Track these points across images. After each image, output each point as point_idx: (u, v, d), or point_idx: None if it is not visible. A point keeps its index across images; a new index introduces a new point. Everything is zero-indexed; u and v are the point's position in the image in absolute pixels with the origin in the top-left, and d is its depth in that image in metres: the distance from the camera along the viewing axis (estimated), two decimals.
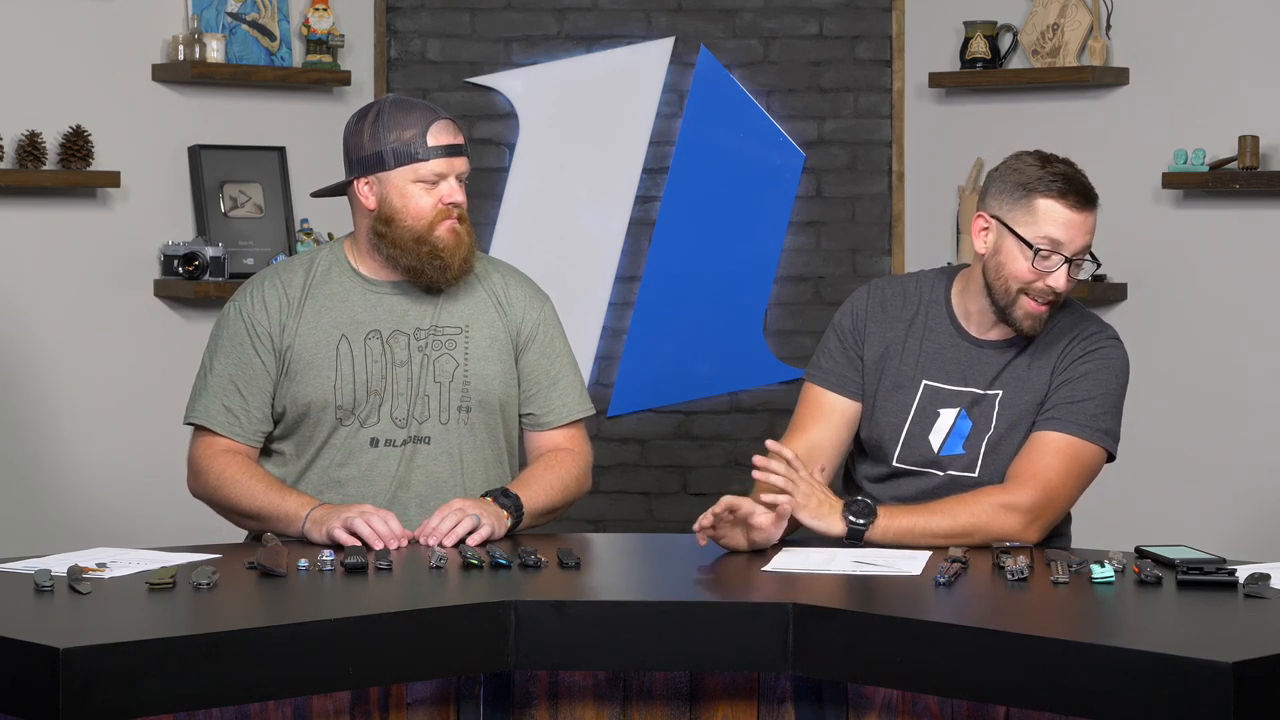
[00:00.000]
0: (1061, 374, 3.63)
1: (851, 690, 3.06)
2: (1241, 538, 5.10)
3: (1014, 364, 3.65)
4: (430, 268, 3.75)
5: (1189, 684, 2.63)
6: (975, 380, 3.66)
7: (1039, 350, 3.65)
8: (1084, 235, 3.55)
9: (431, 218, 3.73)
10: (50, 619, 2.98)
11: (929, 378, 3.68)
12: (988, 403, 3.65)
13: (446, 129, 3.76)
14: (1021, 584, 3.20)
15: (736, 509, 3.46)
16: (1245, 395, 5.29)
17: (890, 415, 3.69)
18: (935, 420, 3.67)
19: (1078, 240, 3.55)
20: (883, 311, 3.74)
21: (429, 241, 3.73)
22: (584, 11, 5.71)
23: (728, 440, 5.73)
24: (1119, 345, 3.68)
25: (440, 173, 3.74)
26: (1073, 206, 3.55)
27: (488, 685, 3.13)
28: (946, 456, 3.66)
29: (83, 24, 5.20)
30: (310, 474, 3.79)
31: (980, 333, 3.68)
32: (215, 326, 3.84)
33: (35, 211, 5.14)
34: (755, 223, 5.72)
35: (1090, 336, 3.66)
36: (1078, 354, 3.63)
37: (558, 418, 3.88)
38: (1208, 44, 5.31)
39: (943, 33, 5.67)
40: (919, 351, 3.70)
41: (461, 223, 3.76)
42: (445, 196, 3.74)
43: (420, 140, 3.72)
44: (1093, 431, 3.61)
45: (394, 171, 3.74)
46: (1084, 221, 3.55)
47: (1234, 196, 5.25)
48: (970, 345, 3.68)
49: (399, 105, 3.78)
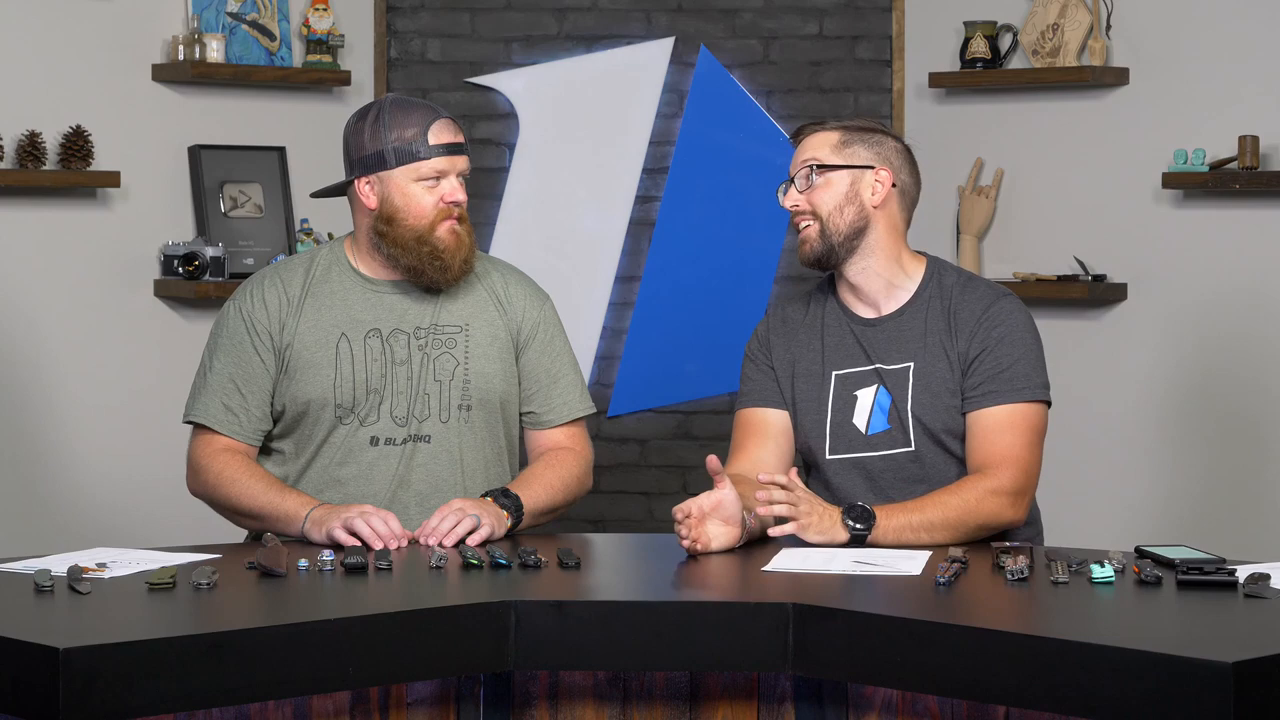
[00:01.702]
0: (979, 346, 3.70)
1: (851, 690, 3.06)
2: (1241, 537, 5.10)
3: (913, 333, 3.74)
4: (431, 268, 3.74)
5: (1189, 684, 2.63)
6: (880, 356, 3.75)
7: (935, 315, 3.75)
8: (799, 157, 3.78)
9: (433, 217, 3.73)
10: (50, 619, 2.98)
11: (837, 368, 3.78)
12: (900, 375, 3.73)
13: (447, 128, 3.76)
14: (1021, 584, 3.20)
15: (690, 511, 3.47)
16: (1245, 395, 5.29)
17: (812, 414, 3.77)
18: (855, 403, 3.75)
19: (796, 161, 3.78)
20: (784, 325, 3.86)
21: (430, 241, 3.73)
22: (584, 11, 5.72)
23: (728, 440, 5.72)
24: (1014, 299, 3.78)
25: (442, 171, 3.74)
26: (794, 141, 3.83)
27: (488, 685, 3.13)
28: (875, 435, 3.73)
29: (83, 24, 5.21)
30: (310, 473, 3.79)
31: (871, 310, 3.79)
32: (215, 325, 3.84)
33: (35, 211, 5.14)
34: (755, 223, 5.72)
35: (989, 305, 3.74)
36: (985, 323, 3.72)
37: (558, 416, 3.88)
38: (1208, 44, 5.30)
39: (943, 33, 5.67)
40: (821, 348, 3.80)
41: (461, 223, 3.76)
42: (447, 195, 3.74)
43: (421, 139, 3.72)
44: (1031, 391, 3.70)
45: (395, 170, 3.74)
46: (800, 147, 3.80)
47: (1234, 196, 5.25)
48: (864, 326, 3.78)
49: (399, 105, 3.78)
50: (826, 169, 3.75)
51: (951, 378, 3.70)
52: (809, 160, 3.77)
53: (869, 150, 3.77)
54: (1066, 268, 5.48)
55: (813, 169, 3.75)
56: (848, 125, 3.80)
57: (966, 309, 3.74)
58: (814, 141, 3.79)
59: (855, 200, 3.75)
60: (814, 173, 3.75)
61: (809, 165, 3.76)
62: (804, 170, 3.76)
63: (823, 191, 3.75)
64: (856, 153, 3.76)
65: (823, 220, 3.74)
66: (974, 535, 3.58)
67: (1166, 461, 5.35)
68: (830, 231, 3.74)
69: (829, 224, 3.74)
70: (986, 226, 5.62)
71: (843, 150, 3.76)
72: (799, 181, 3.77)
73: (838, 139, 3.78)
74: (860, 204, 3.75)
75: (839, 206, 3.74)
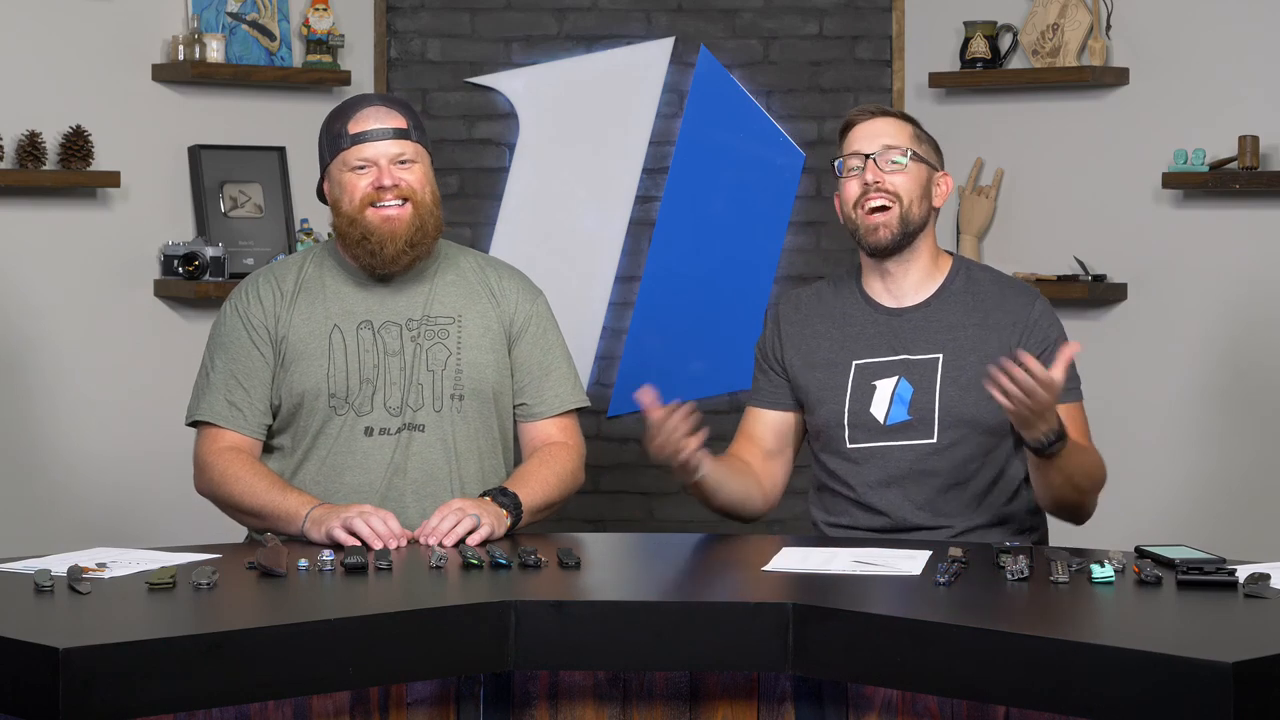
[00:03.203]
0: (1035, 349, 3.69)
1: (851, 690, 3.06)
2: (1241, 537, 5.10)
3: (942, 325, 3.75)
4: (362, 251, 3.78)
5: (1189, 684, 2.63)
6: (905, 348, 3.76)
7: (967, 309, 3.77)
8: (877, 137, 3.74)
9: (359, 201, 3.75)
10: (50, 619, 2.98)
11: (857, 357, 3.78)
12: (926, 366, 3.73)
13: (373, 114, 3.79)
14: (1021, 584, 3.20)
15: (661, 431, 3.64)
16: (1245, 395, 5.29)
17: (830, 403, 3.79)
18: (873, 393, 3.75)
19: (875, 141, 3.74)
20: (796, 312, 3.88)
21: (359, 225, 3.76)
22: (584, 11, 5.71)
23: (728, 440, 5.71)
24: (1045, 301, 3.82)
25: (366, 158, 3.77)
26: (862, 119, 3.78)
27: (488, 685, 3.14)
28: (894, 425, 3.74)
29: (83, 24, 5.20)
30: (308, 464, 3.81)
31: (895, 301, 3.79)
32: (213, 328, 3.87)
33: (35, 211, 5.14)
34: (755, 223, 5.72)
35: (1031, 304, 3.77)
36: (1039, 326, 3.75)
37: (550, 408, 3.89)
38: (1208, 44, 5.30)
39: (943, 33, 5.67)
40: (842, 337, 3.80)
41: (407, 204, 3.76)
42: (374, 180, 3.76)
43: (343, 130, 3.79)
44: (1078, 390, 3.78)
45: (331, 165, 3.81)
46: (872, 126, 3.75)
47: (1234, 196, 5.25)
48: (889, 317, 3.79)
49: (338, 106, 3.88)
50: (916, 159, 3.73)
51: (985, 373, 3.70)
52: (895, 147, 3.73)
53: (934, 152, 3.80)
54: (1066, 268, 5.48)
55: (907, 153, 3.72)
56: (907, 117, 3.79)
57: (1009, 307, 3.76)
58: (891, 128, 3.75)
59: (928, 196, 3.77)
60: (906, 156, 3.72)
61: (897, 154, 3.72)
62: (894, 152, 3.72)
63: (907, 178, 3.73)
64: (928, 151, 3.77)
65: (904, 205, 3.73)
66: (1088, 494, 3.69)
67: (1166, 461, 5.35)
68: (908, 218, 3.73)
69: (909, 211, 3.73)
70: (986, 226, 5.62)
71: (921, 145, 3.77)
72: (882, 162, 3.72)
73: (913, 132, 3.77)
74: (929, 200, 3.77)
75: (919, 197, 3.75)
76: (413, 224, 3.77)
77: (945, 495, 3.73)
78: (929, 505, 3.73)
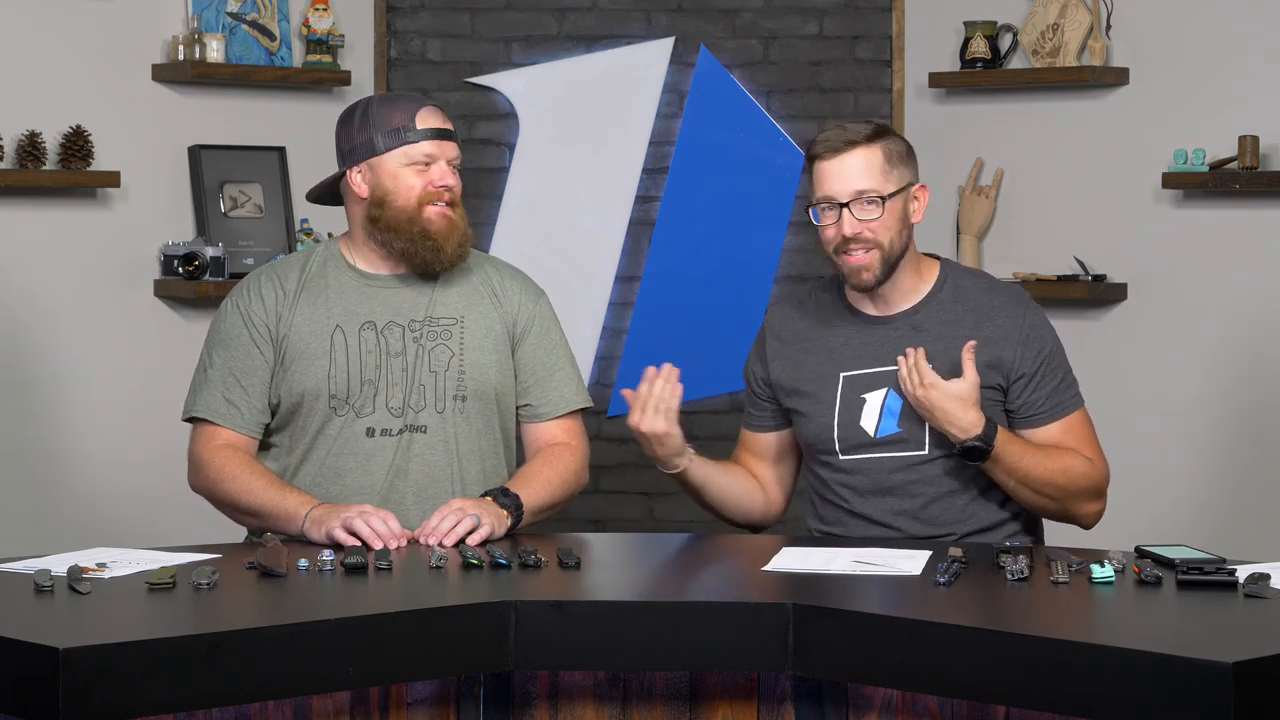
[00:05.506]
0: (1030, 363, 3.73)
1: (851, 690, 3.06)
2: (1241, 537, 5.10)
3: (930, 335, 3.74)
4: (423, 248, 3.77)
5: (1189, 684, 2.63)
6: (892, 358, 3.73)
7: (956, 318, 3.75)
8: (848, 180, 3.68)
9: (421, 198, 3.75)
10: (50, 619, 2.98)
11: (845, 369, 3.77)
12: None
13: (435, 114, 3.81)
14: (1021, 584, 3.20)
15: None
16: (1245, 395, 5.29)
17: (820, 417, 3.78)
18: (862, 406, 3.74)
19: (846, 184, 3.68)
20: (782, 325, 3.87)
21: (419, 222, 3.76)
22: (584, 11, 5.72)
23: (728, 440, 5.68)
24: (1037, 308, 3.81)
25: (431, 154, 3.77)
26: (828, 156, 3.69)
27: (488, 685, 3.13)
28: (884, 438, 3.73)
29: (83, 24, 5.20)
30: (307, 465, 3.80)
31: (879, 310, 3.78)
32: (213, 324, 3.86)
33: (35, 211, 5.14)
34: (755, 223, 5.72)
35: (1023, 314, 3.77)
36: (1032, 340, 3.75)
37: (554, 409, 3.89)
38: (1208, 44, 5.30)
39: (943, 33, 5.67)
40: (828, 348, 3.79)
41: (454, 208, 3.78)
42: (436, 179, 3.76)
43: (410, 123, 3.77)
44: (1078, 397, 3.79)
45: (385, 155, 3.78)
46: (840, 164, 3.68)
47: (1234, 196, 5.25)
48: (873, 325, 3.78)
49: (387, 98, 3.88)
50: (887, 199, 3.69)
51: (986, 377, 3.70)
52: (866, 191, 3.67)
53: (906, 168, 3.74)
54: (1066, 268, 5.48)
55: (881, 201, 3.67)
56: (872, 137, 3.71)
57: (1000, 320, 3.75)
58: (859, 163, 3.68)
59: (906, 221, 3.74)
60: (881, 202, 3.67)
61: (870, 198, 3.67)
62: (865, 202, 3.67)
63: (884, 220, 3.69)
64: (901, 174, 3.72)
65: (885, 249, 3.70)
66: (1060, 501, 3.71)
67: (1166, 461, 5.35)
68: (889, 256, 3.71)
69: (890, 250, 3.70)
70: (986, 226, 5.62)
71: (890, 174, 3.70)
72: (857, 210, 3.68)
73: (882, 161, 3.70)
74: (908, 223, 3.74)
75: (898, 231, 3.72)
76: (462, 228, 3.79)
77: (937, 505, 3.73)
78: (921, 515, 3.73)
